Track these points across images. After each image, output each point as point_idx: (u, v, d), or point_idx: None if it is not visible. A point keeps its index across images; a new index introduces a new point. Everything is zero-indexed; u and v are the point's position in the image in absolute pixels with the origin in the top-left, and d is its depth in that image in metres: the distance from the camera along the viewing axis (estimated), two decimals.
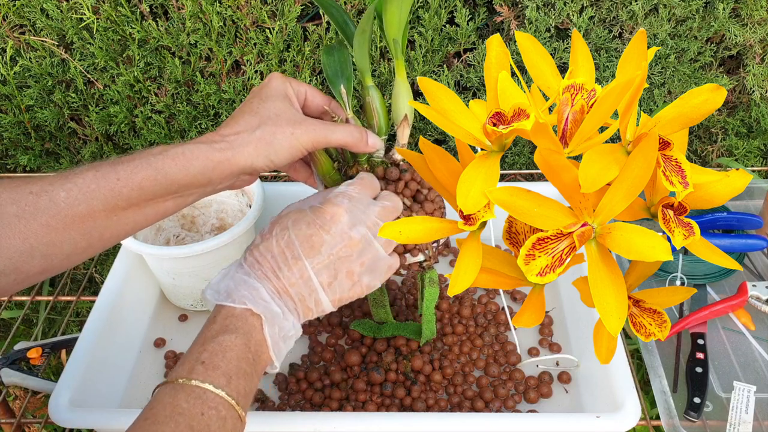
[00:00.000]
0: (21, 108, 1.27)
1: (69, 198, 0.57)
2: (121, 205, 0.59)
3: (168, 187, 0.61)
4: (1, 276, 0.55)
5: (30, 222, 0.56)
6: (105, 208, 0.59)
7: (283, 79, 0.69)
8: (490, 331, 0.89)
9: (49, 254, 0.57)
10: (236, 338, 0.59)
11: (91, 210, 0.58)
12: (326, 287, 0.64)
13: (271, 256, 0.63)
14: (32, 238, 0.56)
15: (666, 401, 0.78)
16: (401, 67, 0.72)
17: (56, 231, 0.57)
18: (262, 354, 0.61)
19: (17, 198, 0.56)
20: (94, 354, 0.79)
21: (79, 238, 0.58)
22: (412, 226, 0.62)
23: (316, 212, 0.65)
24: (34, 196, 0.56)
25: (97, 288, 1.36)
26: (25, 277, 0.57)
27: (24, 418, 0.87)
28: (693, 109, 0.54)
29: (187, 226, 1.02)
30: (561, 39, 1.20)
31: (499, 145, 0.58)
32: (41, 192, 0.57)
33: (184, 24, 1.19)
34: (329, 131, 0.67)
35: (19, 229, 0.55)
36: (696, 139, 1.33)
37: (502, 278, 0.63)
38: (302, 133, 0.65)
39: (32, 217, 0.56)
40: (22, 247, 0.56)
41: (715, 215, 0.97)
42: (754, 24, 1.18)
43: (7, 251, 0.55)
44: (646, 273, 0.62)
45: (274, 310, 0.61)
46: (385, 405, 0.80)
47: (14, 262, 0.56)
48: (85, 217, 0.58)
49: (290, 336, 0.63)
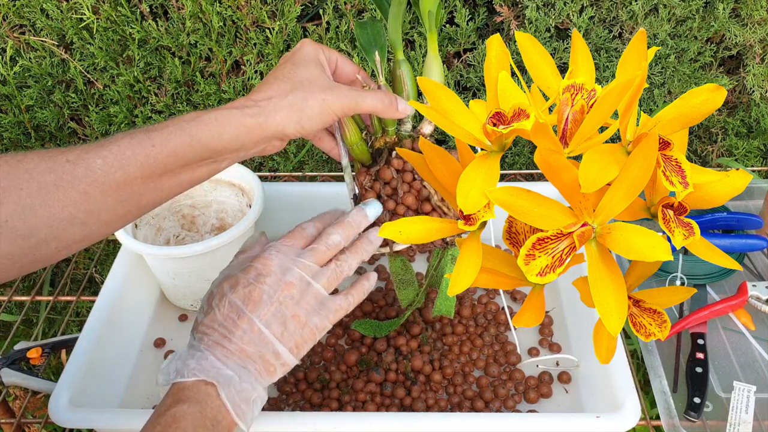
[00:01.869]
0: (21, 108, 1.26)
1: (105, 165, 0.58)
2: (156, 171, 0.60)
3: (202, 153, 0.62)
4: (43, 244, 0.56)
5: (68, 190, 0.56)
6: (141, 174, 0.59)
7: (315, 45, 0.69)
8: (490, 331, 0.89)
9: (88, 221, 0.58)
10: (189, 407, 0.58)
11: (127, 177, 0.59)
12: (279, 337, 0.63)
13: (218, 324, 0.63)
14: (71, 206, 0.57)
15: (666, 401, 0.78)
16: (434, 41, 0.72)
17: (94, 198, 0.58)
18: (223, 420, 0.60)
19: (54, 167, 0.56)
20: (94, 354, 0.79)
21: (116, 204, 0.59)
22: (412, 225, 0.61)
23: (248, 270, 0.65)
24: (71, 165, 0.57)
25: (97, 288, 1.36)
26: (66, 245, 0.58)
27: (24, 418, 0.87)
28: (693, 109, 0.54)
29: (187, 226, 1.02)
30: (561, 39, 1.20)
31: (499, 145, 0.58)
32: (78, 160, 0.57)
33: (184, 24, 1.19)
34: (360, 97, 0.67)
35: (59, 198, 0.56)
36: (696, 139, 1.33)
37: (502, 278, 0.63)
38: (333, 99, 0.65)
39: (70, 185, 0.57)
40: (62, 215, 0.56)
41: (715, 215, 0.97)
42: (754, 24, 1.18)
43: (48, 220, 0.56)
44: (646, 273, 0.62)
45: (227, 374, 0.61)
46: (385, 405, 0.80)
47: (55, 230, 0.56)
48: (122, 183, 0.59)
49: (253, 399, 0.62)
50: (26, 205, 0.55)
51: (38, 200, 0.55)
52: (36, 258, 0.57)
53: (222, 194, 1.01)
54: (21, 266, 0.57)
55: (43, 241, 0.56)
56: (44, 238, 0.56)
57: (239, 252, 0.71)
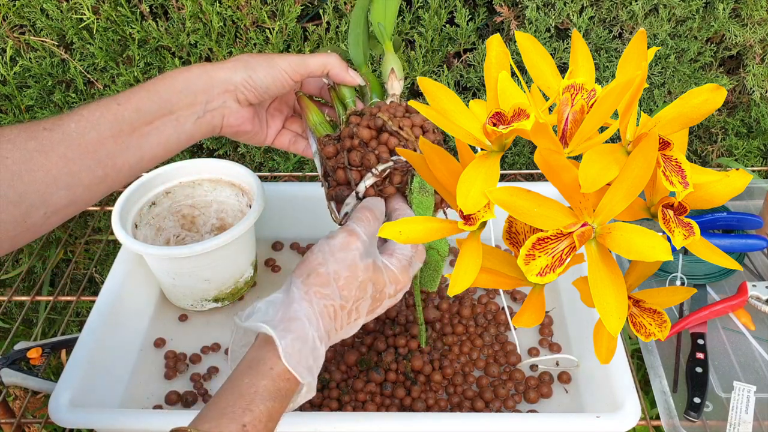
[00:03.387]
0: (21, 108, 1.26)
1: (79, 128, 0.62)
2: (125, 129, 0.65)
3: (160, 105, 0.67)
4: (33, 210, 0.60)
5: (49, 155, 0.60)
6: (111, 133, 0.64)
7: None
8: (490, 331, 0.89)
9: (71, 184, 0.62)
10: (281, 406, 0.59)
11: (100, 136, 0.63)
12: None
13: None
14: (54, 169, 0.60)
15: (666, 401, 0.78)
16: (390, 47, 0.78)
17: (73, 161, 0.62)
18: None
19: (34, 134, 0.60)
20: (94, 354, 0.79)
21: (94, 165, 0.63)
22: (412, 225, 0.61)
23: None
24: (48, 132, 0.61)
25: (97, 288, 1.36)
26: (54, 210, 0.62)
27: (24, 418, 0.87)
28: (693, 109, 0.54)
29: (187, 226, 1.02)
30: (561, 39, 1.20)
31: (499, 145, 0.58)
32: (54, 127, 0.62)
33: (184, 24, 1.19)
34: (308, 57, 0.73)
35: (42, 163, 0.60)
36: (696, 139, 1.33)
37: (502, 278, 0.63)
38: (280, 58, 0.72)
39: (51, 149, 0.60)
40: (47, 179, 0.60)
41: (715, 215, 0.97)
42: (754, 24, 1.18)
43: (34, 185, 0.59)
44: (646, 273, 0.62)
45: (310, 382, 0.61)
46: (385, 405, 0.80)
47: (42, 195, 0.60)
48: (96, 144, 0.63)
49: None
50: (14, 172, 0.58)
51: (24, 167, 0.59)
52: (28, 226, 0.60)
53: (222, 194, 1.01)
54: (14, 236, 0.60)
55: (32, 206, 0.59)
56: (33, 203, 0.60)
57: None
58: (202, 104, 0.69)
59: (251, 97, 0.72)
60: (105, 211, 1.22)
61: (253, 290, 0.98)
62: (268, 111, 0.79)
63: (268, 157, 1.31)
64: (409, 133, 0.71)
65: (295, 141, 0.81)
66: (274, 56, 0.72)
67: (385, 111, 0.72)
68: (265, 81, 0.71)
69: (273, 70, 0.71)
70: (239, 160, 1.31)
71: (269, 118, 0.79)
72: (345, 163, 0.72)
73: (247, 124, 0.74)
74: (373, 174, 0.70)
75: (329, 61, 0.74)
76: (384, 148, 0.71)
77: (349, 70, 0.75)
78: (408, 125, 0.72)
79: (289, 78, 0.72)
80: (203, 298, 0.93)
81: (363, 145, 0.71)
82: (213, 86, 0.70)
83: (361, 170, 0.72)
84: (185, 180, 0.99)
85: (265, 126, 0.79)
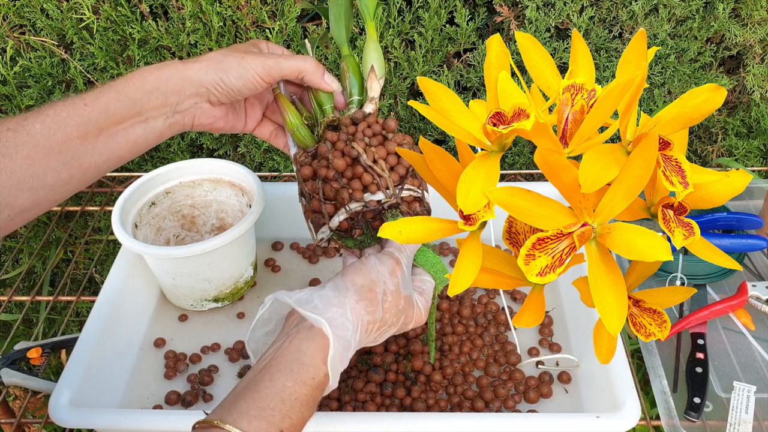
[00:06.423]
0: (21, 108, 1.26)
1: (44, 129, 0.61)
2: (92, 130, 0.63)
3: (129, 107, 0.65)
4: None
5: (13, 157, 0.59)
6: (78, 134, 0.62)
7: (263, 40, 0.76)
8: (490, 331, 0.89)
9: (35, 186, 0.61)
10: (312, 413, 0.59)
11: (66, 137, 0.62)
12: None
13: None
14: (18, 171, 0.59)
15: (666, 401, 0.78)
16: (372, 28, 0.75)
17: (38, 162, 0.60)
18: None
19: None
20: (94, 354, 0.79)
21: (59, 167, 0.62)
22: (412, 225, 0.61)
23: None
24: (12, 133, 0.60)
25: (97, 288, 1.36)
26: (18, 212, 0.61)
27: (24, 418, 0.87)
28: (693, 109, 0.54)
29: (187, 226, 1.02)
30: (561, 39, 1.20)
31: (499, 145, 0.58)
32: (18, 128, 0.60)
33: (184, 24, 1.19)
34: (282, 59, 0.71)
35: (5, 165, 0.59)
36: (696, 139, 1.33)
37: (502, 278, 0.63)
38: (253, 59, 0.70)
39: (15, 151, 0.59)
40: (10, 182, 0.59)
41: (715, 215, 0.97)
42: (754, 24, 1.18)
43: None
44: (646, 273, 0.62)
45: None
46: (385, 405, 0.80)
47: (5, 197, 0.59)
48: (62, 144, 0.61)
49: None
50: None
51: None
52: None
53: (222, 194, 1.01)
54: None
55: None
56: None
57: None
58: (172, 105, 0.68)
59: (223, 99, 0.71)
60: (105, 211, 1.22)
61: (253, 290, 0.98)
62: (247, 101, 0.78)
63: (268, 157, 1.31)
64: (383, 168, 0.71)
65: (276, 134, 0.80)
66: (247, 56, 0.70)
67: (360, 139, 0.71)
68: (237, 84, 0.70)
69: (245, 73, 0.69)
70: (239, 160, 1.31)
71: (248, 107, 0.79)
72: (320, 196, 0.72)
73: (220, 121, 0.74)
74: (347, 211, 0.71)
75: (304, 66, 0.72)
76: (358, 184, 0.71)
77: (325, 76, 0.73)
78: (383, 155, 0.72)
79: (262, 81, 0.70)
80: (203, 298, 0.93)
81: (337, 177, 0.71)
82: (184, 88, 0.68)
83: (336, 204, 0.72)
84: (185, 180, 0.99)
85: (243, 116, 0.78)
